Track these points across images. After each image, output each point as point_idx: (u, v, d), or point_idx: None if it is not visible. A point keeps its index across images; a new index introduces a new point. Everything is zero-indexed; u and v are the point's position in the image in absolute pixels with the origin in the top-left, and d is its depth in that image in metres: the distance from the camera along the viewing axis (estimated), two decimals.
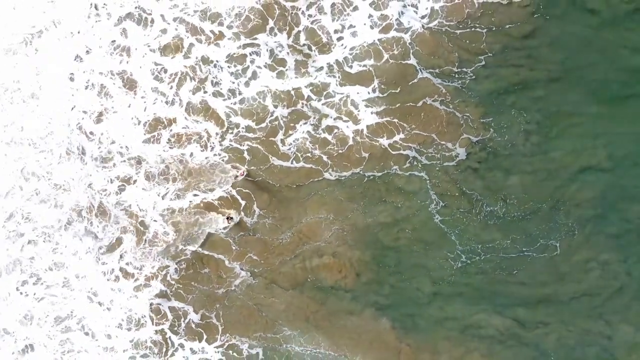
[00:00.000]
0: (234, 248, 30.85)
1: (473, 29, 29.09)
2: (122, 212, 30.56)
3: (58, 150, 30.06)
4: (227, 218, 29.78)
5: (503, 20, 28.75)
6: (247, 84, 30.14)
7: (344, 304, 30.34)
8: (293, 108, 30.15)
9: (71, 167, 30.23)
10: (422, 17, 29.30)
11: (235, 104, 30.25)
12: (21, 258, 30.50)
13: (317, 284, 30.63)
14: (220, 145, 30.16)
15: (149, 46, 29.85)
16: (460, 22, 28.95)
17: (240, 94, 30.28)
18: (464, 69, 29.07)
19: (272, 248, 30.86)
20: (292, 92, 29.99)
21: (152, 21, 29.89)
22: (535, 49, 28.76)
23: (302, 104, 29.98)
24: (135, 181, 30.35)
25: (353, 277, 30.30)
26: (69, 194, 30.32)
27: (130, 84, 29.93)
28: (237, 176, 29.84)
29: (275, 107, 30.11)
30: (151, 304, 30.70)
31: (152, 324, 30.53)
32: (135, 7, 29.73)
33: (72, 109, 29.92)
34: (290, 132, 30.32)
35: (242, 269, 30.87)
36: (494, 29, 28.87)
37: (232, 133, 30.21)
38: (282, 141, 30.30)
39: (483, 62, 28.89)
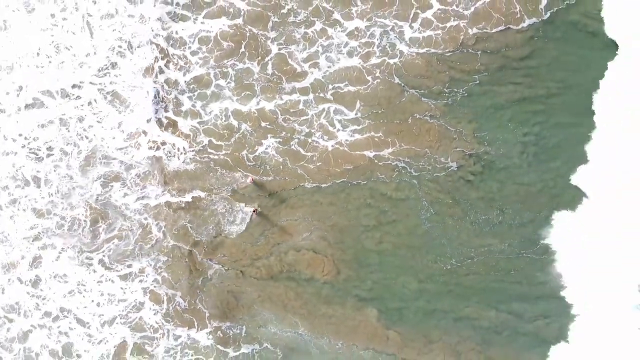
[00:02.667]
0: (205, 249, 31.03)
1: (466, 52, 29.03)
2: (116, 211, 30.99)
3: (51, 151, 31.04)
4: (254, 210, 30.48)
5: (499, 45, 28.90)
6: (206, 105, 30.29)
7: (322, 294, 30.20)
8: (262, 125, 30.23)
9: (63, 168, 30.90)
10: (410, 46, 29.23)
11: (201, 123, 30.42)
12: (14, 256, 31.49)
13: (293, 275, 30.45)
14: (186, 156, 30.51)
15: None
16: (454, 50, 29.10)
17: (205, 114, 30.39)
18: (454, 89, 29.07)
19: (245, 250, 30.91)
20: (256, 112, 30.18)
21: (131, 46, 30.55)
22: (534, 69, 29.00)
23: (268, 123, 30.07)
24: (123, 180, 30.91)
25: (334, 274, 30.07)
26: (63, 194, 31.05)
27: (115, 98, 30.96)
28: (251, 180, 30.46)
29: (241, 124, 30.07)
30: (147, 290, 31.27)
31: (150, 308, 31.33)
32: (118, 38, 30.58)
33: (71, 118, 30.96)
34: (257, 147, 30.27)
35: (211, 261, 31.10)
36: (489, 52, 28.98)
37: (195, 150, 30.45)
38: (247, 156, 30.25)
39: (477, 81, 29.02)
